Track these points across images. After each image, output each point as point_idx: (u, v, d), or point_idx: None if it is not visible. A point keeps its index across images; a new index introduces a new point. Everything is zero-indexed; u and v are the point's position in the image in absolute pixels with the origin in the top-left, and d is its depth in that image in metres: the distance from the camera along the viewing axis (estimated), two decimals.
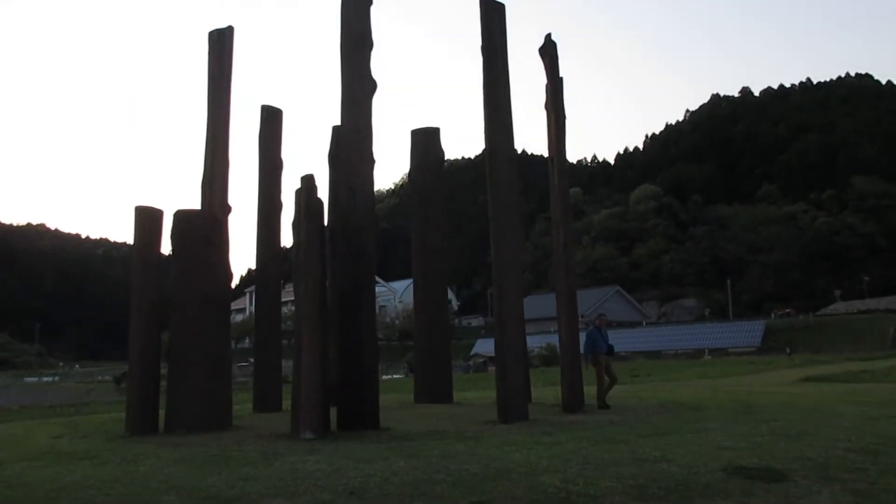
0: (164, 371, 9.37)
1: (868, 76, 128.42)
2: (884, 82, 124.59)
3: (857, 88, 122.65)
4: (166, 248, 9.78)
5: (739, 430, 7.42)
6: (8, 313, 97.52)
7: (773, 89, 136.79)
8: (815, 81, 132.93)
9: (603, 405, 11.00)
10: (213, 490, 4.96)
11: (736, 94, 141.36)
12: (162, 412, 9.14)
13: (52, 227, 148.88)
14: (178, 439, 7.93)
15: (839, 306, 72.66)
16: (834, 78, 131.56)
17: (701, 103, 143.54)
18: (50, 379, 61.39)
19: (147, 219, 9.58)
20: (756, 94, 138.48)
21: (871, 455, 5.96)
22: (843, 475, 5.18)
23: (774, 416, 8.83)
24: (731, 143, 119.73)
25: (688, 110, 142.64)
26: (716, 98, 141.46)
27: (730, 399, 11.96)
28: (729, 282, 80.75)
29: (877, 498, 4.54)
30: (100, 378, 57.86)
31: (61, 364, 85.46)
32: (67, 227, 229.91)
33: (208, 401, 9.00)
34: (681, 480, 4.95)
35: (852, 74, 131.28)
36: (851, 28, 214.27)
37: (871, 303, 70.06)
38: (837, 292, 78.68)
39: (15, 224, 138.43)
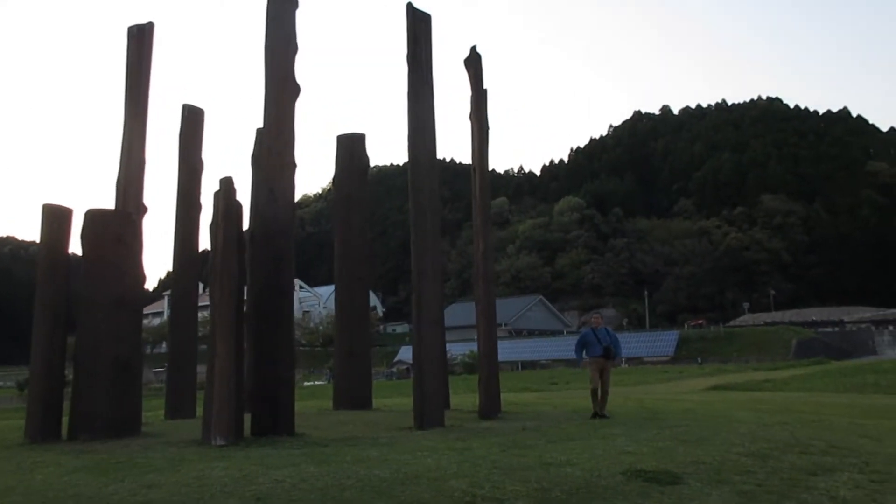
0: (70, 377, 9.01)
1: (778, 100, 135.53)
2: (792, 106, 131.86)
3: (768, 111, 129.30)
4: (77, 248, 9.44)
5: (643, 436, 7.74)
6: None
7: (691, 108, 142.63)
8: (729, 103, 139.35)
9: (600, 414, 10.11)
10: (115, 497, 4.83)
11: (657, 112, 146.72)
12: (66, 419, 8.79)
13: None
14: (82, 446, 7.65)
15: (747, 318, 76.30)
16: (747, 100, 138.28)
17: (624, 119, 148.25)
18: None
19: (55, 217, 9.22)
20: (675, 112, 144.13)
21: (761, 459, 6.35)
22: (734, 477, 5.50)
23: (678, 423, 9.24)
24: (650, 158, 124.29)
25: (611, 125, 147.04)
26: (637, 115, 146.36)
27: (639, 406, 12.42)
28: (646, 293, 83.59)
29: (759, 499, 4.86)
30: (1, 384, 54.80)
31: None
32: None
33: (115, 406, 8.70)
34: (583, 484, 5.15)
35: (763, 98, 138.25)
36: (764, 54, 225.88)
37: (776, 315, 73.96)
38: (746, 304, 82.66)
39: None
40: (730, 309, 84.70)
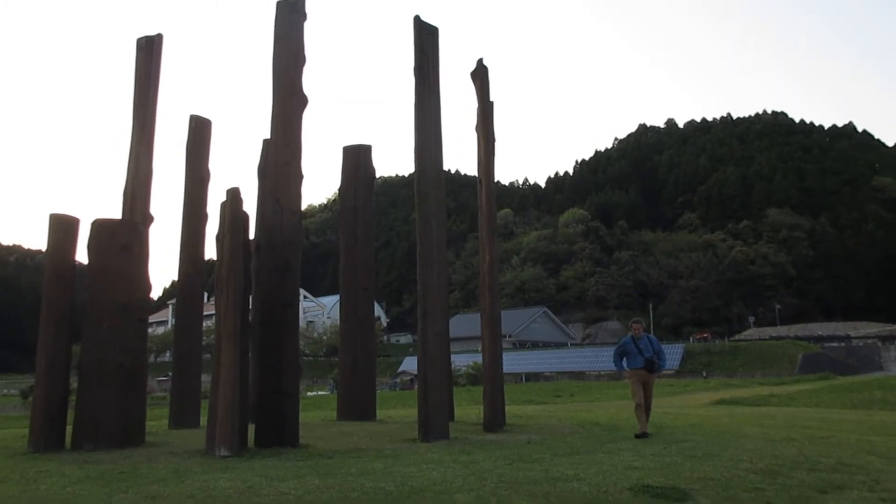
0: (74, 386, 8.99)
1: (783, 114, 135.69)
2: (797, 120, 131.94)
3: (773, 125, 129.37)
4: (82, 257, 9.45)
5: (650, 451, 7.67)
6: None
7: (696, 122, 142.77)
8: (734, 116, 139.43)
9: (641, 433, 9.23)
10: None
11: (662, 125, 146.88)
12: (70, 428, 8.76)
13: None
14: (85, 456, 7.63)
15: (752, 332, 75.97)
16: (752, 114, 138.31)
17: (629, 132, 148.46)
18: None
19: (62, 226, 9.23)
20: (680, 125, 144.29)
21: (770, 476, 6.27)
22: (742, 495, 5.44)
23: (684, 437, 9.17)
24: (655, 171, 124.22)
25: (616, 138, 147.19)
26: (643, 128, 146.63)
27: None
28: (651, 306, 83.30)
29: None
30: (5, 392, 54.85)
31: None
32: None
33: (119, 416, 8.68)
34: (590, 499, 5.09)
35: (769, 112, 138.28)
36: (769, 68, 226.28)
37: (781, 330, 73.63)
38: (751, 318, 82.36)
39: None
40: (735, 322, 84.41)
